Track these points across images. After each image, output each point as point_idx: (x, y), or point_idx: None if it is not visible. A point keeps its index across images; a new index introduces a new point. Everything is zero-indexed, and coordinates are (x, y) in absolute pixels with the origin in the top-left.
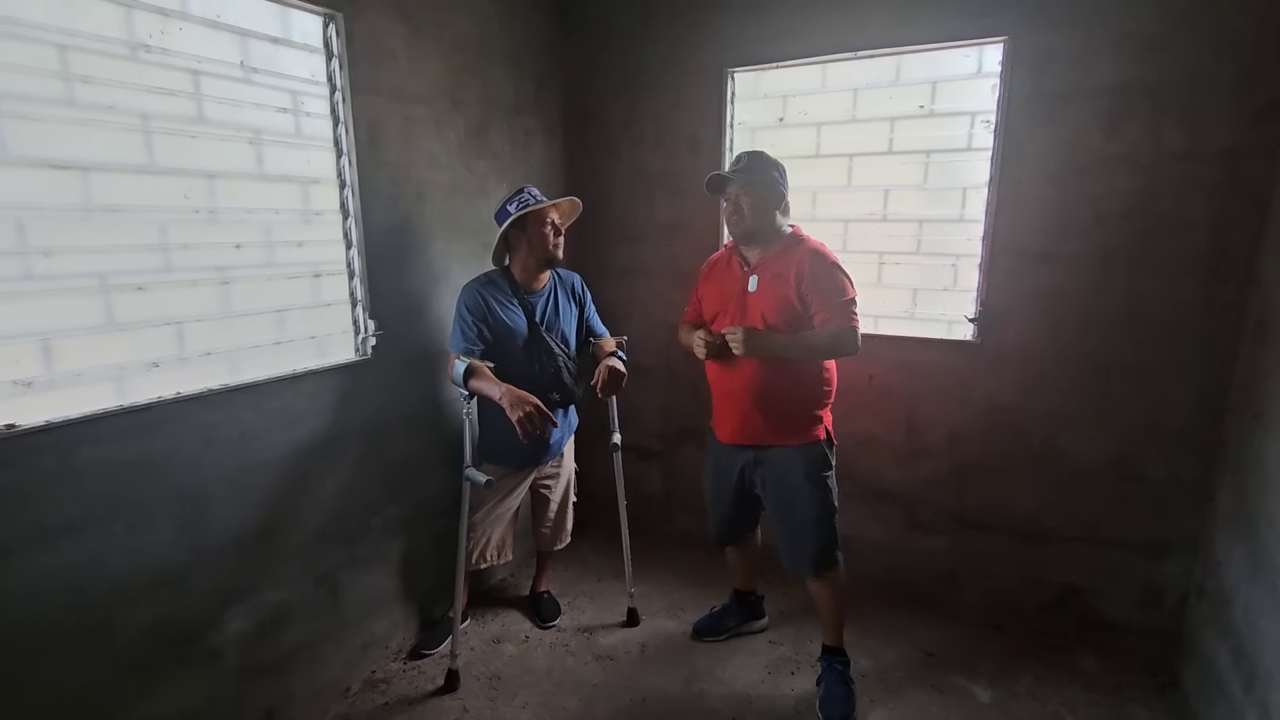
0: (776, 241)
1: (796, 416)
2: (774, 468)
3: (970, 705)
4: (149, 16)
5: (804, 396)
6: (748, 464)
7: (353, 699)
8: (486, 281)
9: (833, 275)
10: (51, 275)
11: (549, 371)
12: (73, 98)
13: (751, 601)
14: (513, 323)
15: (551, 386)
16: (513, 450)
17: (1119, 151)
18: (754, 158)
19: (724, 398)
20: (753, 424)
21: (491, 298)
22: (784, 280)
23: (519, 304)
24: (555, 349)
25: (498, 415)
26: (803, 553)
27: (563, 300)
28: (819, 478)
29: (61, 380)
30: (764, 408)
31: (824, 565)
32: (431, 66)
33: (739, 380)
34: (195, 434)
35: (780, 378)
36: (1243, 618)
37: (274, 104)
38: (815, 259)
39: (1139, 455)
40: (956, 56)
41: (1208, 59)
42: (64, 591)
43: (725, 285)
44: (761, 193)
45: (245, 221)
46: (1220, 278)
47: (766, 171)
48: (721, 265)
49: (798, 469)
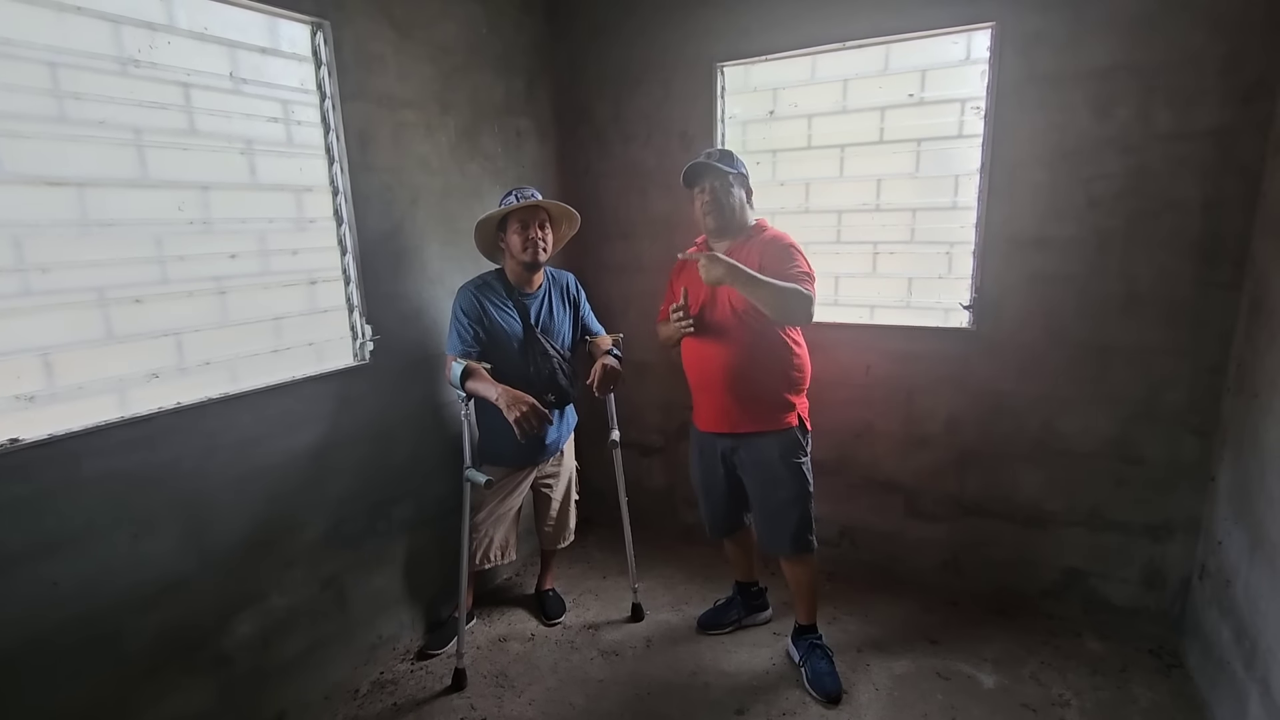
0: (743, 233)
1: (769, 404)
2: (750, 453)
3: (975, 691)
4: (137, 31)
5: (775, 384)
6: (727, 450)
7: (361, 700)
8: (481, 284)
9: (789, 252)
10: (49, 290)
11: (544, 373)
12: (64, 114)
13: (755, 593)
14: (507, 325)
15: (547, 388)
16: (511, 450)
17: (1110, 134)
18: (724, 153)
19: (700, 389)
20: (728, 412)
21: (486, 300)
22: (747, 264)
23: (514, 305)
24: (550, 350)
25: (495, 416)
26: (781, 534)
27: (557, 301)
28: (792, 463)
29: (63, 393)
30: (737, 396)
31: (802, 547)
32: (420, 70)
33: (713, 370)
34: (197, 443)
35: (753, 366)
36: (1243, 597)
37: (264, 114)
38: (774, 242)
39: (1138, 437)
40: (945, 44)
41: (1197, 38)
42: (71, 602)
43: (697, 277)
44: (737, 185)
45: (239, 231)
46: (1214, 257)
47: (738, 165)
48: (693, 262)
49: (773, 454)
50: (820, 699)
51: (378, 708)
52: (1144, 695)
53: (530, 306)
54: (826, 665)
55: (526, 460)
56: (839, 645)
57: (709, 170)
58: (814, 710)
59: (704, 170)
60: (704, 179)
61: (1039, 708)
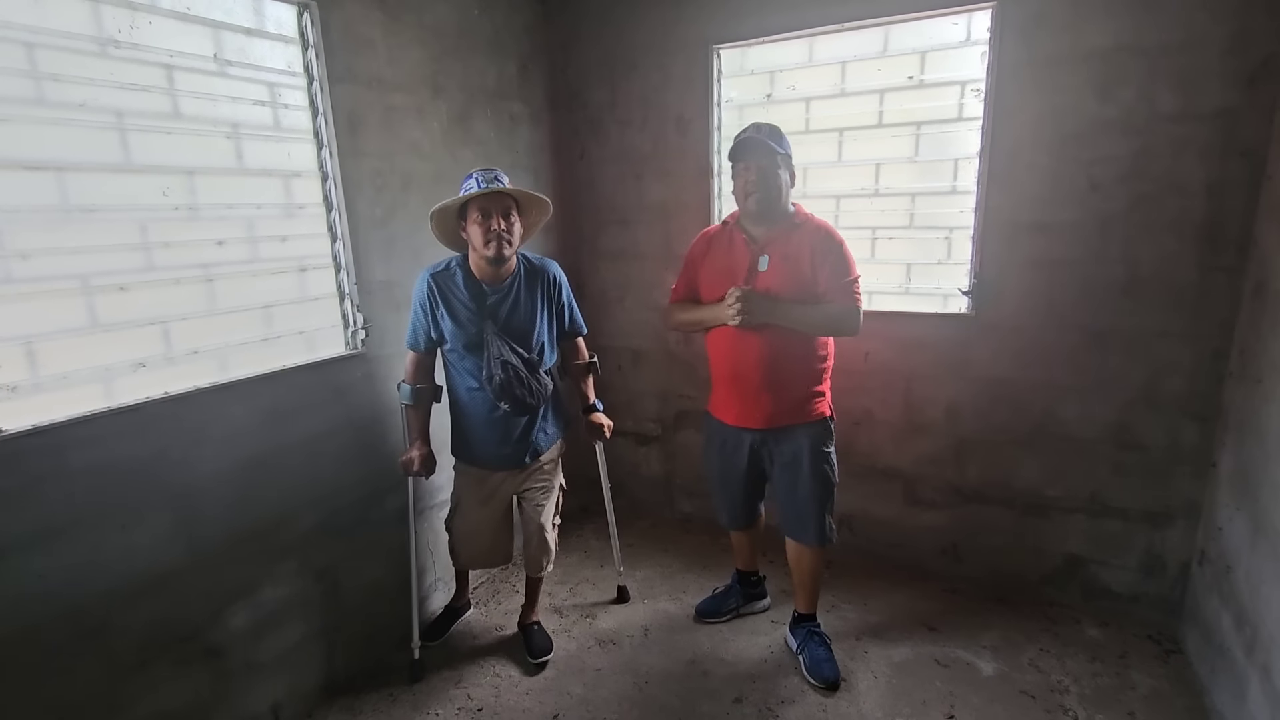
0: (784, 219)
1: (804, 395)
2: (782, 445)
3: (974, 678)
4: (117, 11)
5: (809, 374)
6: (755, 443)
7: (358, 691)
8: (444, 270)
9: (843, 257)
10: (30, 278)
11: (496, 379)
12: (43, 96)
13: (754, 581)
14: (462, 323)
15: (501, 395)
16: (479, 451)
17: (1112, 116)
18: (774, 129)
19: (731, 380)
20: (761, 406)
21: (446, 289)
22: (797, 260)
23: (474, 300)
24: (509, 355)
25: (464, 415)
26: (807, 525)
27: (526, 296)
28: (823, 452)
29: (47, 383)
30: (772, 389)
31: (825, 537)
32: (411, 53)
33: (749, 362)
34: (186, 433)
35: (787, 357)
36: (1244, 583)
37: (251, 97)
38: (826, 237)
39: (1139, 423)
40: (944, 25)
41: (1200, 19)
42: (59, 594)
43: (730, 264)
44: (784, 167)
45: (227, 217)
46: (1217, 241)
47: (786, 145)
48: (721, 242)
49: (805, 445)
50: (819, 686)
51: (373, 699)
52: (1143, 681)
53: (492, 302)
54: (825, 652)
55: (500, 464)
56: (838, 633)
57: (759, 147)
58: (812, 698)
59: (754, 146)
60: (751, 155)
61: (1038, 694)
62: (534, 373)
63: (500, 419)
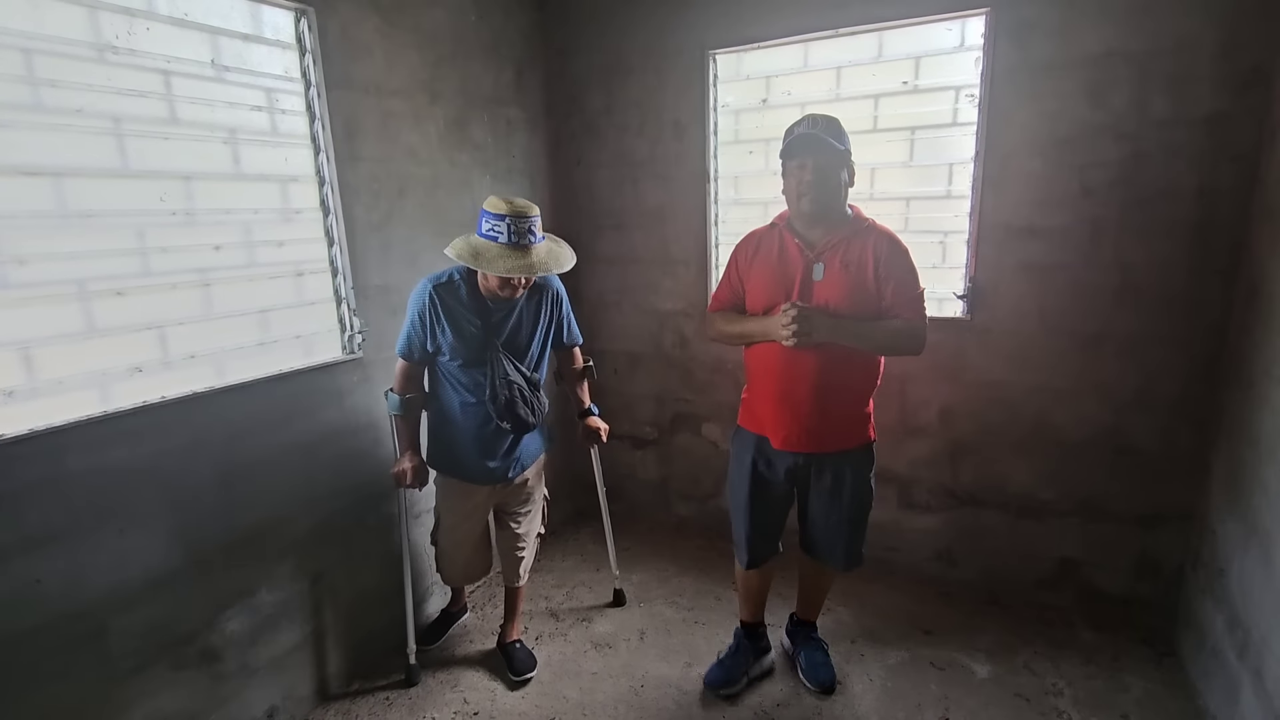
0: (842, 223)
1: (853, 418)
2: (826, 470)
3: (969, 681)
4: (115, 17)
5: (861, 395)
6: (795, 466)
7: (353, 694)
8: (446, 283)
9: (909, 264)
10: (27, 283)
11: (500, 399)
12: (40, 102)
13: (760, 634)
14: (466, 338)
15: (503, 415)
16: (464, 464)
17: (1105, 121)
18: (830, 122)
19: (778, 399)
20: (812, 430)
21: (449, 303)
22: (859, 269)
23: (478, 316)
24: (513, 374)
25: (445, 425)
26: (836, 549)
27: (530, 313)
28: (866, 477)
29: (44, 388)
30: (823, 413)
31: (855, 562)
32: (408, 59)
33: (802, 382)
34: (183, 438)
35: (844, 378)
36: (1237, 586)
37: (248, 102)
38: (892, 245)
39: (1133, 427)
40: (939, 30)
41: (1192, 25)
42: (56, 599)
43: (782, 271)
44: (843, 164)
45: (224, 222)
46: (1209, 245)
47: (846, 141)
48: (771, 247)
49: (846, 472)
50: (814, 689)
51: (369, 703)
52: (1136, 684)
53: (497, 320)
54: (821, 656)
55: (481, 477)
56: (833, 636)
57: (817, 144)
58: (808, 700)
59: (810, 142)
60: (808, 152)
61: (1032, 697)
62: (535, 391)
63: (491, 434)
